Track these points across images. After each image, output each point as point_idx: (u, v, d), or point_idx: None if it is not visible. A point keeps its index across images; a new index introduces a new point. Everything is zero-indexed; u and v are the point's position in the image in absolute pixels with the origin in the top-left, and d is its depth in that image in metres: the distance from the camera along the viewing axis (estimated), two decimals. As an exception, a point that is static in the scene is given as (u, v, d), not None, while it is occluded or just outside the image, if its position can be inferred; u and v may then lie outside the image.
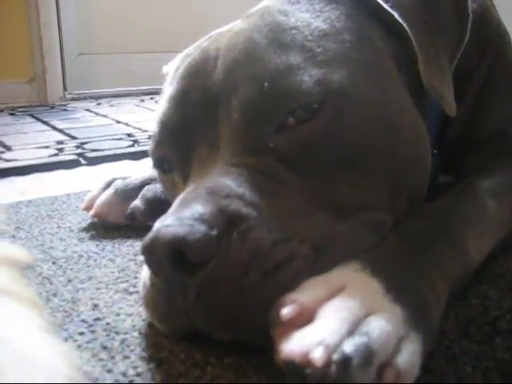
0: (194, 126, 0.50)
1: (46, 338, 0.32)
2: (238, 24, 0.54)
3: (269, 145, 0.46)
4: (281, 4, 0.53)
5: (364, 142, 0.47)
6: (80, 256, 0.65)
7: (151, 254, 0.40)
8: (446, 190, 0.58)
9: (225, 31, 0.55)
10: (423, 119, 0.55)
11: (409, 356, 0.35)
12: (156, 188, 0.73)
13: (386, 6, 0.52)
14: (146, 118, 1.76)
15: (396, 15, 0.52)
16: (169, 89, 0.55)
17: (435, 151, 0.66)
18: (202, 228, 0.39)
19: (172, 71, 0.58)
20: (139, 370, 0.41)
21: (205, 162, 0.48)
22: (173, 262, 0.39)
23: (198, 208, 0.40)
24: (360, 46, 0.50)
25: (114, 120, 1.74)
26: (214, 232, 0.39)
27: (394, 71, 0.53)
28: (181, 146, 0.51)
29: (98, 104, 2.18)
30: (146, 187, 0.74)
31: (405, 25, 0.52)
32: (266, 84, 0.46)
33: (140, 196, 0.73)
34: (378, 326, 0.35)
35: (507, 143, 0.69)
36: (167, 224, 0.40)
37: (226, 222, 0.40)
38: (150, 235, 0.40)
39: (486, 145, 0.70)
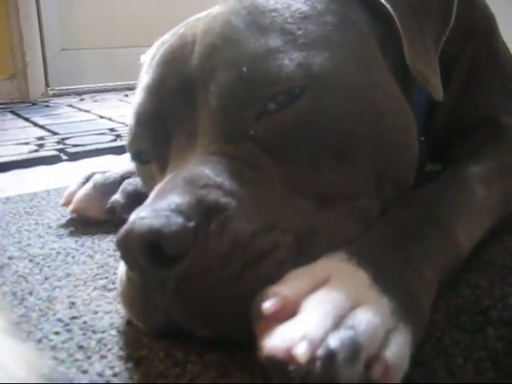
0: (171, 114, 0.48)
1: (6, 341, 0.30)
2: (215, 8, 0.52)
3: (249, 132, 0.44)
4: (260, -14, 0.51)
5: (348, 128, 0.46)
6: (58, 253, 0.63)
7: (126, 247, 0.38)
8: (433, 178, 0.56)
9: (202, 16, 0.53)
10: (409, 104, 0.54)
11: (397, 349, 0.34)
12: (136, 182, 0.71)
13: None
14: (128, 112, 1.72)
15: None
16: (145, 77, 0.53)
17: (422, 138, 0.64)
18: (178, 219, 0.37)
19: (148, 59, 0.56)
20: (116, 369, 0.39)
21: (183, 151, 0.46)
22: (148, 255, 0.37)
23: (175, 199, 0.39)
24: (343, 28, 0.48)
25: (97, 115, 1.71)
26: (192, 223, 0.37)
27: (378, 55, 0.51)
28: (157, 136, 0.49)
29: (81, 100, 2.15)
30: (126, 181, 0.72)
31: (388, 7, 0.50)
32: (245, 69, 0.44)
33: (120, 190, 0.71)
34: (365, 319, 0.33)
35: (495, 129, 0.68)
36: (142, 216, 0.38)
37: (204, 212, 0.38)
38: (124, 228, 0.38)
39: (474, 131, 0.68)
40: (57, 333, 0.45)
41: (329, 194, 0.44)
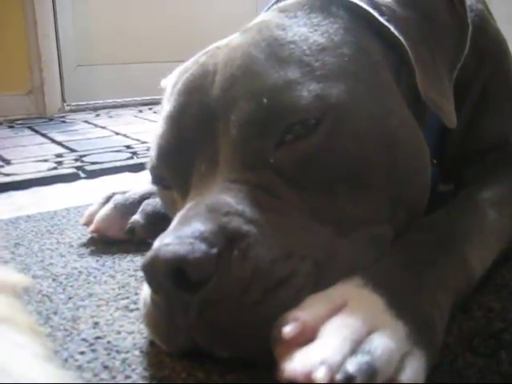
0: (193, 142, 0.50)
1: (41, 365, 0.32)
2: (235, 38, 0.54)
3: (268, 160, 0.46)
4: (278, 18, 0.53)
5: (363, 156, 0.47)
6: (80, 272, 0.64)
7: (152, 272, 0.40)
8: (445, 199, 0.58)
9: (222, 45, 0.55)
10: (422, 130, 0.55)
11: (413, 373, 0.35)
12: (155, 202, 0.73)
13: (381, 20, 0.52)
14: (144, 129, 1.76)
15: (392, 28, 0.52)
16: (167, 106, 0.54)
17: (435, 161, 0.66)
18: (202, 246, 0.39)
19: (170, 86, 0.58)
20: (141, 389, 0.41)
21: (204, 179, 0.47)
22: (173, 280, 0.39)
23: (198, 226, 0.40)
24: (358, 59, 0.50)
25: (112, 131, 1.74)
26: (215, 250, 0.39)
27: (392, 84, 0.53)
28: (179, 164, 0.51)
29: (97, 115, 2.18)
30: (146, 201, 0.74)
31: (401, 38, 0.52)
32: (265, 100, 0.46)
33: (140, 210, 0.73)
34: (381, 344, 0.35)
35: (506, 153, 0.69)
36: (167, 242, 0.39)
37: (227, 239, 0.40)
38: (149, 254, 0.40)
39: (486, 155, 0.70)
40: (82, 353, 0.47)
41: (345, 221, 0.46)
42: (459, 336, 0.46)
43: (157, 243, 0.40)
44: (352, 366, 0.33)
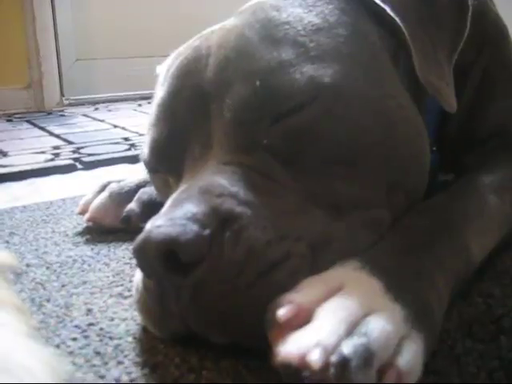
0: (186, 127, 0.49)
1: (27, 344, 0.31)
2: (230, 21, 0.53)
3: (262, 142, 0.45)
4: (273, -1, 0.52)
5: (360, 138, 0.46)
6: (74, 260, 0.64)
7: (142, 255, 0.39)
8: (445, 188, 0.57)
9: (217, 29, 0.54)
10: (421, 115, 0.54)
11: (410, 356, 0.34)
12: (151, 191, 0.72)
13: (377, 1, 0.51)
14: (143, 122, 1.74)
15: (388, 9, 0.51)
16: (160, 90, 0.54)
17: (434, 148, 0.65)
18: (194, 227, 0.38)
19: (163, 71, 0.57)
20: (133, 375, 0.40)
21: (197, 162, 0.47)
22: (164, 262, 0.38)
23: (190, 207, 0.39)
24: (354, 40, 0.49)
25: (111, 124, 1.73)
26: (207, 231, 0.38)
27: (389, 66, 0.52)
28: (172, 148, 0.50)
29: (96, 109, 2.17)
30: (142, 190, 0.73)
31: (397, 19, 0.51)
32: (258, 82, 0.45)
33: (135, 199, 0.72)
34: (378, 326, 0.34)
35: (507, 139, 0.68)
36: (158, 224, 0.39)
37: (219, 221, 0.39)
38: (140, 236, 0.39)
39: (486, 141, 0.69)
40: (74, 339, 0.46)
41: (341, 204, 0.45)
42: (459, 322, 0.45)
43: (148, 226, 0.40)
44: (347, 347, 0.32)
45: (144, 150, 0.54)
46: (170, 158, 0.50)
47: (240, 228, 0.39)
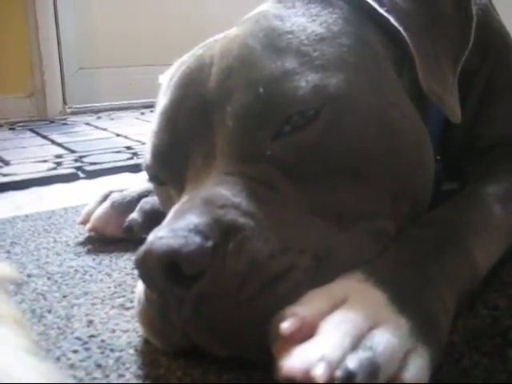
0: (188, 136, 0.48)
1: (27, 358, 0.31)
2: (233, 30, 0.53)
3: (265, 153, 0.45)
4: (276, 9, 0.51)
5: (363, 148, 0.46)
6: (76, 271, 0.63)
7: (144, 266, 0.39)
8: (450, 197, 0.56)
9: (220, 38, 0.54)
10: (425, 125, 0.54)
11: (416, 370, 0.33)
12: (153, 200, 0.71)
13: (381, 10, 0.51)
14: (145, 130, 1.74)
15: (392, 19, 0.51)
16: (163, 99, 0.53)
17: (438, 157, 0.64)
18: (196, 239, 0.37)
19: (166, 80, 0.57)
20: (134, 389, 0.40)
21: (200, 173, 0.46)
22: (167, 274, 0.37)
23: (193, 219, 0.39)
24: (358, 49, 0.49)
25: (113, 133, 1.73)
26: (209, 243, 0.37)
27: (393, 75, 0.51)
28: (174, 158, 0.49)
29: (98, 117, 2.17)
30: (144, 200, 0.73)
31: (401, 28, 0.51)
32: (262, 90, 0.45)
33: (137, 209, 0.71)
34: (383, 340, 0.33)
35: (511, 148, 0.68)
36: (161, 236, 0.38)
37: (222, 232, 0.38)
38: (143, 248, 0.39)
39: (490, 150, 0.68)
40: (75, 351, 0.45)
41: (345, 214, 0.44)
42: (465, 334, 0.44)
43: (150, 237, 0.39)
44: (352, 362, 0.31)
45: (146, 157, 0.54)
46: (172, 166, 0.50)
47: (243, 239, 0.38)
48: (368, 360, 0.32)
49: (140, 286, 0.44)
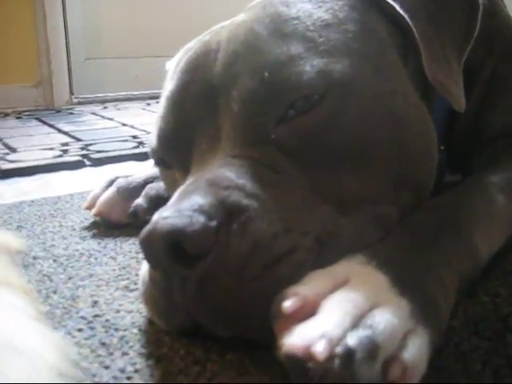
0: (194, 120, 0.49)
1: (35, 326, 0.31)
2: (239, 16, 0.53)
3: (270, 136, 0.45)
4: (282, -5, 0.52)
5: (367, 134, 0.46)
6: (81, 254, 0.64)
7: (149, 246, 0.39)
8: (452, 187, 0.56)
9: (226, 24, 0.54)
10: (430, 113, 0.54)
11: (416, 351, 0.34)
12: (159, 186, 0.72)
13: None
14: (151, 120, 1.75)
15: (397, 7, 0.51)
16: (169, 84, 0.54)
17: (442, 147, 0.64)
18: (200, 219, 0.38)
19: (173, 66, 0.57)
20: (138, 366, 0.40)
21: (205, 155, 0.47)
22: (171, 253, 0.38)
23: (197, 199, 0.39)
24: (363, 36, 0.49)
25: (119, 123, 1.73)
26: (214, 223, 0.38)
27: (398, 63, 0.52)
28: (180, 142, 0.50)
29: (105, 108, 2.18)
30: (149, 185, 0.73)
31: (406, 16, 0.51)
32: (267, 74, 0.45)
33: (143, 194, 0.72)
34: (383, 319, 0.34)
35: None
36: (165, 216, 0.39)
37: (226, 213, 0.39)
38: (147, 227, 0.39)
39: (495, 141, 0.68)
40: (80, 330, 0.46)
41: (348, 199, 0.45)
42: (465, 320, 0.45)
43: (155, 217, 0.40)
44: (353, 339, 0.32)
45: (152, 141, 0.54)
46: (178, 150, 0.50)
47: (246, 220, 0.39)
48: (368, 338, 0.32)
49: (144, 267, 0.44)
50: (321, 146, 0.45)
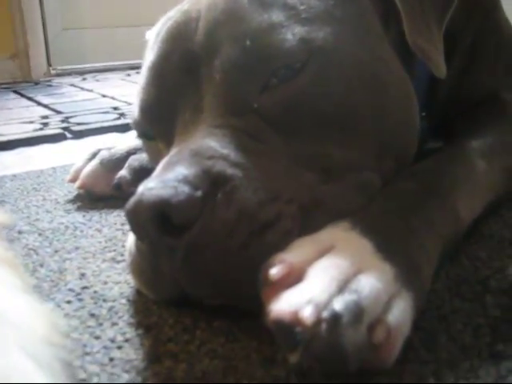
0: (176, 91, 0.49)
1: (26, 299, 0.31)
2: (220, -16, 0.52)
3: (253, 105, 0.45)
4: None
5: (349, 101, 0.46)
6: (66, 227, 0.64)
7: (135, 217, 0.39)
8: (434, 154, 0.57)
9: (206, -8, 0.53)
10: (411, 80, 0.54)
11: (400, 313, 0.35)
12: (142, 157, 0.72)
13: None
14: (132, 91, 1.73)
15: None
16: (149, 54, 0.53)
17: (424, 114, 0.65)
18: (185, 189, 0.38)
19: (153, 36, 0.57)
20: (127, 335, 0.41)
21: (188, 126, 0.47)
22: (157, 224, 0.38)
23: (182, 170, 0.40)
24: (345, 3, 0.49)
25: (99, 94, 1.71)
26: (199, 193, 0.38)
27: (380, 30, 0.52)
28: (163, 113, 0.50)
29: (84, 79, 2.15)
30: (132, 157, 0.73)
31: None
32: (248, 43, 0.45)
33: (126, 166, 0.72)
34: (368, 284, 0.35)
35: (496, 105, 0.68)
36: (150, 187, 0.39)
37: (211, 182, 0.39)
38: (133, 199, 0.39)
39: (476, 107, 0.69)
40: (69, 302, 0.46)
41: (331, 167, 0.45)
42: (447, 282, 0.46)
43: (140, 188, 0.40)
44: (339, 304, 0.33)
45: (134, 113, 0.54)
46: (161, 121, 0.50)
47: (231, 189, 0.39)
48: (353, 302, 0.33)
49: (131, 238, 0.44)
50: (303, 114, 0.45)
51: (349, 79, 0.46)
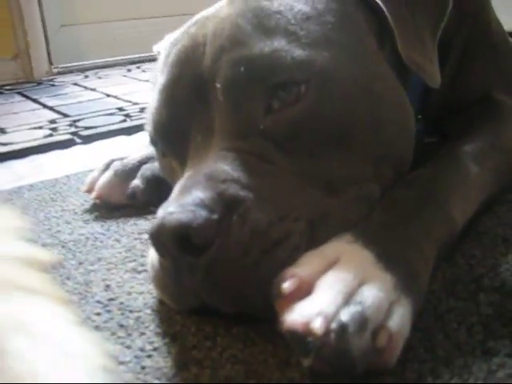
0: (187, 114, 0.52)
1: (79, 331, 0.36)
2: (223, 9, 0.56)
3: (259, 128, 0.49)
4: (263, -13, 0.54)
5: (349, 119, 0.50)
6: (87, 238, 0.68)
7: (158, 239, 0.43)
8: (430, 151, 0.61)
9: (211, 16, 0.56)
10: (406, 90, 0.58)
11: (400, 319, 0.39)
12: (153, 166, 0.76)
13: None
14: (134, 89, 1.76)
15: None
16: (160, 77, 0.57)
17: (419, 116, 0.68)
18: (203, 213, 0.42)
19: (162, 57, 0.60)
20: (155, 344, 0.45)
21: (200, 149, 0.50)
22: (178, 245, 0.42)
23: (198, 194, 0.43)
24: (342, 26, 0.52)
25: (103, 93, 1.74)
26: (215, 216, 0.42)
27: (375, 48, 0.55)
28: (175, 136, 0.53)
29: (86, 77, 2.17)
30: (144, 166, 0.77)
31: (379, 1, 0.54)
32: (249, 65, 0.48)
33: (139, 175, 0.76)
34: (371, 294, 0.39)
35: (488, 105, 0.72)
36: (171, 211, 0.43)
37: (226, 205, 0.43)
38: (155, 223, 0.43)
39: (469, 108, 0.72)
40: (98, 314, 0.51)
41: (334, 182, 0.49)
42: (443, 282, 0.50)
43: (161, 212, 0.44)
44: (345, 315, 0.37)
45: (148, 127, 0.58)
46: (174, 141, 0.54)
47: (244, 211, 0.43)
48: (358, 313, 0.37)
49: (152, 254, 0.48)
50: (306, 135, 0.49)
51: (349, 99, 0.50)
